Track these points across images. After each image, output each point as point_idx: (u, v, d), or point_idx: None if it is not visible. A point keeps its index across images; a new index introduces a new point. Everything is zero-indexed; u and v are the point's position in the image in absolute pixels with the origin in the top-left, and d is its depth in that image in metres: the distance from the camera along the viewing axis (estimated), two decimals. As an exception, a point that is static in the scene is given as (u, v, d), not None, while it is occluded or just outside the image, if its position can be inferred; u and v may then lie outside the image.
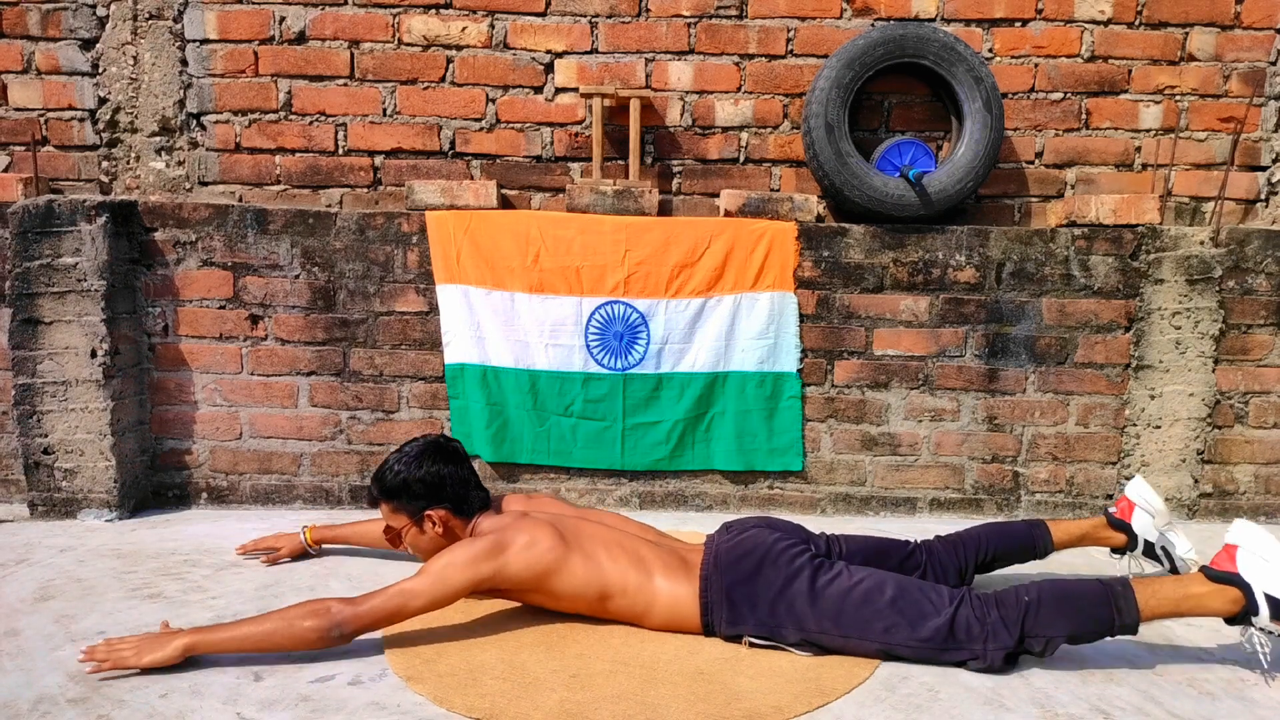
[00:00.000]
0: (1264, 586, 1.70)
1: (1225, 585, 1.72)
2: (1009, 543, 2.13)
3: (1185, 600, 1.74)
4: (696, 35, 2.98)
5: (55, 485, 2.72)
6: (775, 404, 2.86)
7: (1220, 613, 1.73)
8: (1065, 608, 1.74)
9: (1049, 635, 1.72)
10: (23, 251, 2.65)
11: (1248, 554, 1.74)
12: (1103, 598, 1.74)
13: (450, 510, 1.99)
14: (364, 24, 2.95)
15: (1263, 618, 1.70)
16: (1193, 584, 1.75)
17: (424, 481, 1.96)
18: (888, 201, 2.77)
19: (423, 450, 2.00)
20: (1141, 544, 2.17)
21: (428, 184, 2.86)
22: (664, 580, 1.87)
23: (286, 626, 1.69)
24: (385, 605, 1.73)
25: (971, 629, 1.73)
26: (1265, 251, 2.81)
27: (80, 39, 2.94)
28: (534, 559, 1.83)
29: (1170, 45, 2.99)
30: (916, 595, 1.77)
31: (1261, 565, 1.72)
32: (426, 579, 1.77)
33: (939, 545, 2.11)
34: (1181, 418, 2.84)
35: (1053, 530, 2.16)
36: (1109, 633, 1.73)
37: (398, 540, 2.04)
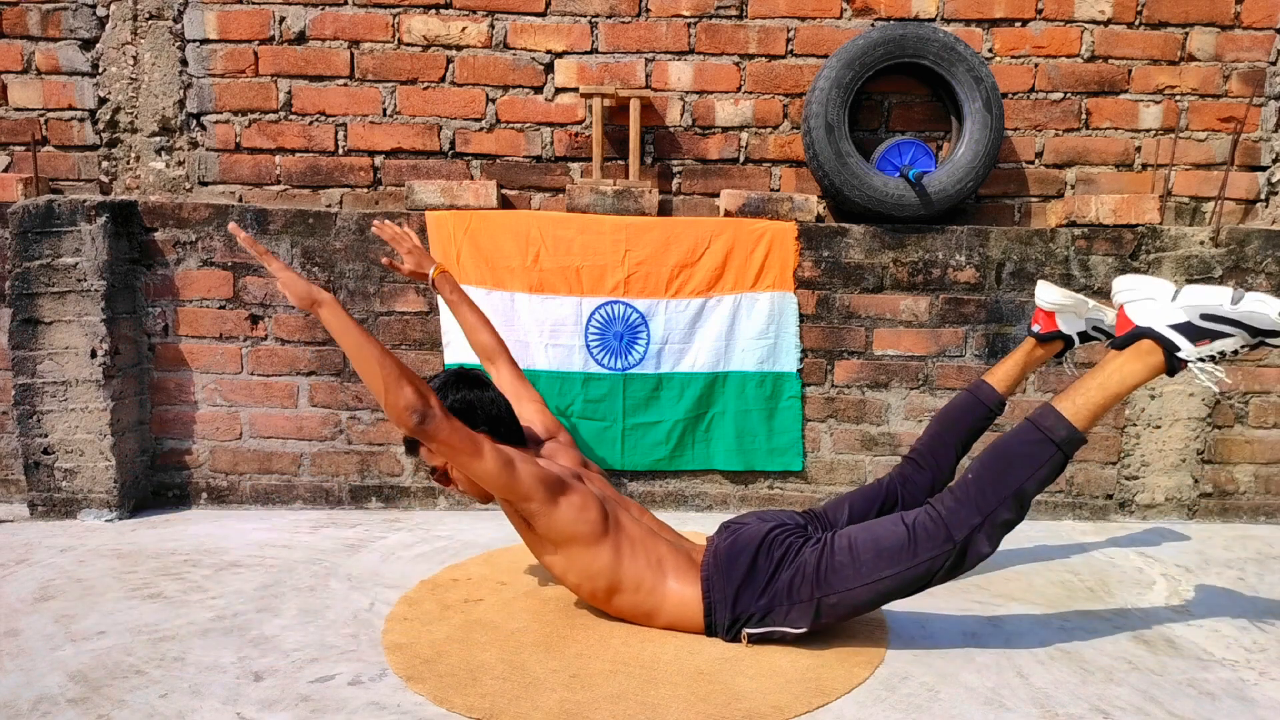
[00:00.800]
0: (1165, 321, 1.65)
1: (1134, 344, 1.68)
2: (965, 421, 2.16)
3: (1109, 380, 1.69)
4: (696, 35, 2.98)
5: (55, 485, 2.72)
6: (775, 404, 2.86)
7: (1149, 372, 1.68)
8: (1003, 460, 1.71)
9: (1008, 493, 1.68)
10: (23, 251, 2.65)
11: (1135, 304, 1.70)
12: (1030, 430, 1.71)
13: (489, 434, 1.92)
14: (364, 24, 2.95)
15: (1186, 348, 1.64)
16: (1108, 364, 1.71)
17: (455, 409, 1.90)
18: (888, 201, 2.77)
19: (445, 381, 1.97)
20: (1078, 338, 2.15)
21: (428, 184, 2.86)
22: (675, 583, 1.88)
23: (395, 374, 1.64)
24: (464, 437, 1.71)
25: (931, 529, 1.71)
26: (1265, 251, 2.81)
27: (80, 39, 2.94)
28: (578, 523, 1.82)
29: (1170, 45, 2.99)
30: (876, 529, 1.78)
31: (1151, 305, 1.67)
32: (500, 455, 1.75)
33: (909, 468, 2.14)
34: (1181, 418, 2.84)
35: (992, 381, 2.17)
36: (1059, 454, 1.68)
37: (446, 480, 1.97)
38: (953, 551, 1.70)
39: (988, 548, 1.71)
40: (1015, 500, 1.69)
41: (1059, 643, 1.91)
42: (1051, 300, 2.13)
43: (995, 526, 1.70)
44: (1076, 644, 1.90)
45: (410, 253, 2.36)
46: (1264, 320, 1.63)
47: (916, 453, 2.17)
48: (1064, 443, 1.68)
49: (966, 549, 1.70)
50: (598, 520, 1.84)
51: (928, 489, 2.09)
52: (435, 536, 2.60)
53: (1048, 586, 2.27)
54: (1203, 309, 1.65)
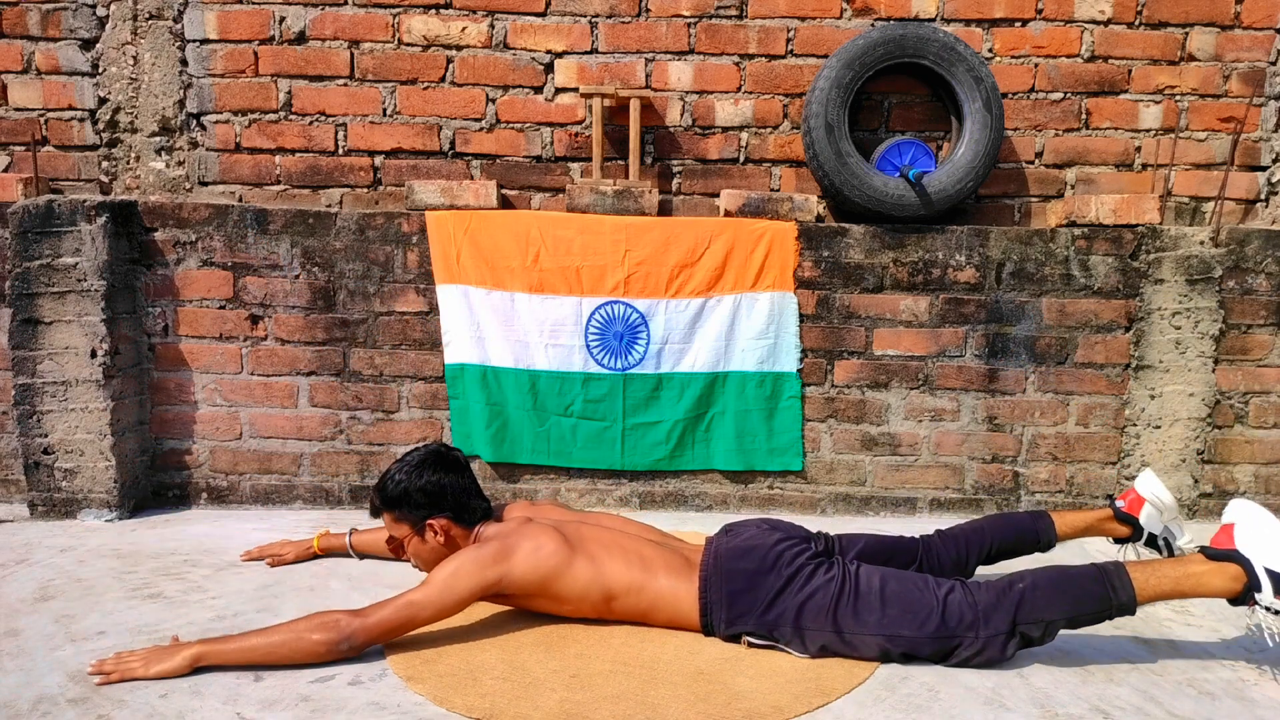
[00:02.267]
0: (1264, 561, 1.67)
1: (1224, 563, 1.69)
2: (1011, 534, 2.13)
3: (1185, 579, 1.72)
4: (696, 35, 2.98)
5: (55, 485, 2.72)
6: (775, 404, 2.86)
7: (1222, 592, 1.70)
8: (1059, 590, 1.73)
9: (1045, 619, 1.71)
10: (23, 251, 2.65)
11: (1246, 530, 1.71)
12: (1097, 578, 1.72)
13: (452, 519, 1.98)
14: (364, 24, 2.95)
15: (1266, 594, 1.66)
16: (1191, 563, 1.73)
17: (425, 490, 1.96)
18: (888, 201, 2.77)
19: (423, 459, 2.00)
20: (1145, 536, 2.15)
21: (428, 184, 2.86)
22: (667, 579, 1.87)
23: (295, 639, 1.69)
24: (394, 617, 1.73)
25: (964, 615, 1.72)
26: (1265, 251, 2.81)
27: (80, 39, 2.94)
28: (539, 562, 1.83)
29: (1170, 45, 2.99)
30: (909, 587, 1.77)
31: (1260, 541, 1.69)
32: (433, 588, 1.76)
33: (937, 540, 2.11)
34: (1181, 418, 2.84)
35: (1056, 521, 2.15)
36: (1107, 613, 1.72)
37: (400, 550, 2.04)
38: (975, 641, 1.72)
39: (1008, 653, 1.74)
40: (1046, 626, 1.72)
41: (1059, 643, 1.90)
42: (1156, 494, 2.12)
43: (1018, 640, 1.73)
44: (1076, 644, 1.90)
45: (284, 548, 2.37)
46: None
47: (952, 533, 2.14)
48: (1119, 607, 1.72)
49: (988, 645, 1.72)
50: (557, 547, 1.84)
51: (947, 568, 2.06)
52: (435, 536, 2.60)
53: (1048, 586, 2.26)
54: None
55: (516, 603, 1.94)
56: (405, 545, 2.02)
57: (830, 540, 2.05)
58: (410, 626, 1.76)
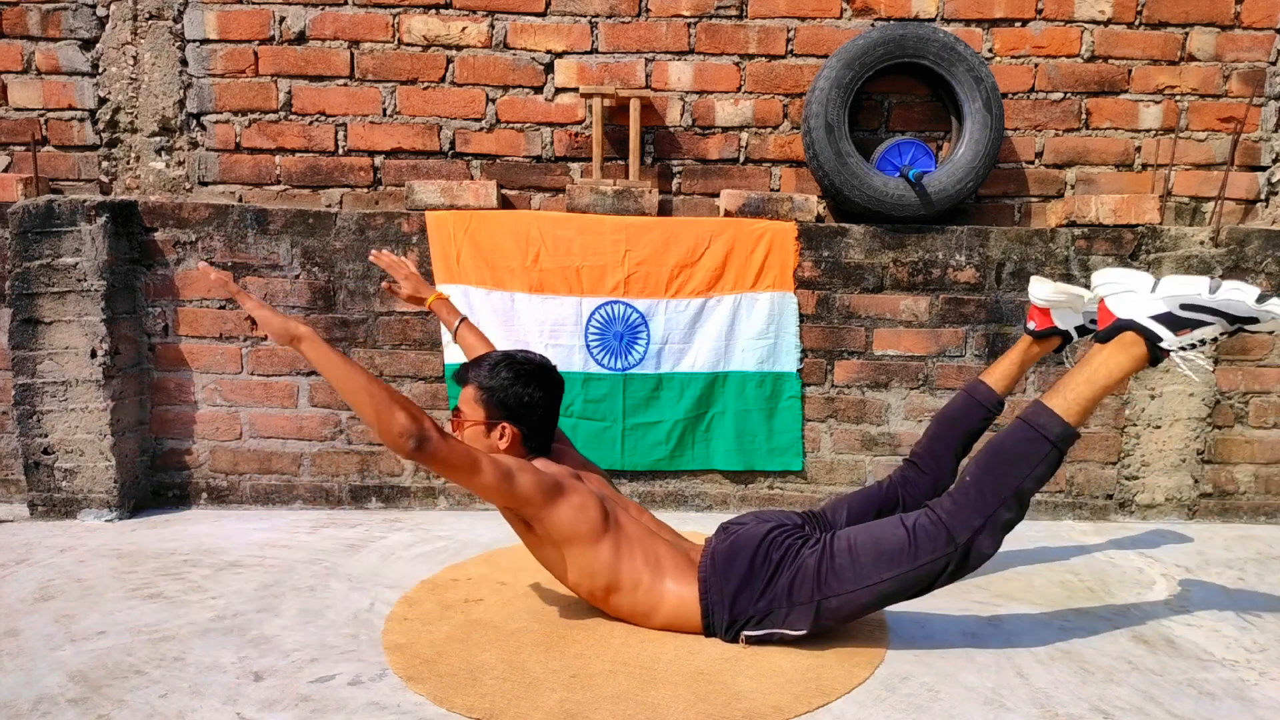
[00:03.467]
0: (1146, 312, 1.66)
1: (1117, 337, 1.69)
2: (963, 422, 2.15)
3: (1096, 374, 1.70)
4: (696, 35, 2.98)
5: (55, 485, 2.72)
6: (775, 404, 2.86)
7: (1135, 363, 1.70)
8: (1000, 463, 1.71)
9: (1007, 493, 1.69)
10: (23, 251, 2.65)
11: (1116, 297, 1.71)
12: (1024, 429, 1.72)
13: (523, 435, 1.94)
14: (364, 24, 2.95)
15: (1168, 338, 1.65)
16: (1092, 357, 1.73)
17: (520, 399, 1.91)
18: (888, 201, 2.77)
19: (536, 371, 1.96)
20: (1075, 333, 2.15)
21: (428, 184, 2.86)
22: (673, 583, 1.87)
23: (385, 401, 1.63)
24: (462, 456, 1.69)
25: (935, 535, 1.71)
26: (1265, 251, 2.81)
27: (80, 39, 2.94)
28: (577, 523, 1.82)
29: (1170, 45, 2.99)
30: (876, 530, 1.78)
31: (1131, 298, 1.69)
32: (499, 465, 1.74)
33: (910, 471, 2.14)
34: (1181, 418, 2.84)
35: (989, 381, 2.17)
36: (1055, 453, 1.69)
37: (459, 426, 1.97)
38: (955, 554, 1.70)
39: (990, 548, 1.71)
40: (1015, 499, 1.70)
41: (1059, 643, 1.91)
42: (1044, 296, 2.13)
43: (997, 527, 1.70)
44: (1076, 644, 1.90)
45: (408, 279, 2.35)
46: (1241, 307, 1.65)
47: (916, 455, 2.18)
48: (1059, 439, 1.70)
49: (969, 551, 1.70)
50: (597, 519, 1.84)
51: (929, 491, 2.09)
52: (435, 536, 2.60)
53: (1048, 586, 2.27)
54: (1182, 299, 1.67)
55: (529, 538, 1.90)
56: (464, 425, 1.96)
57: (820, 517, 2.08)
58: (462, 475, 1.71)
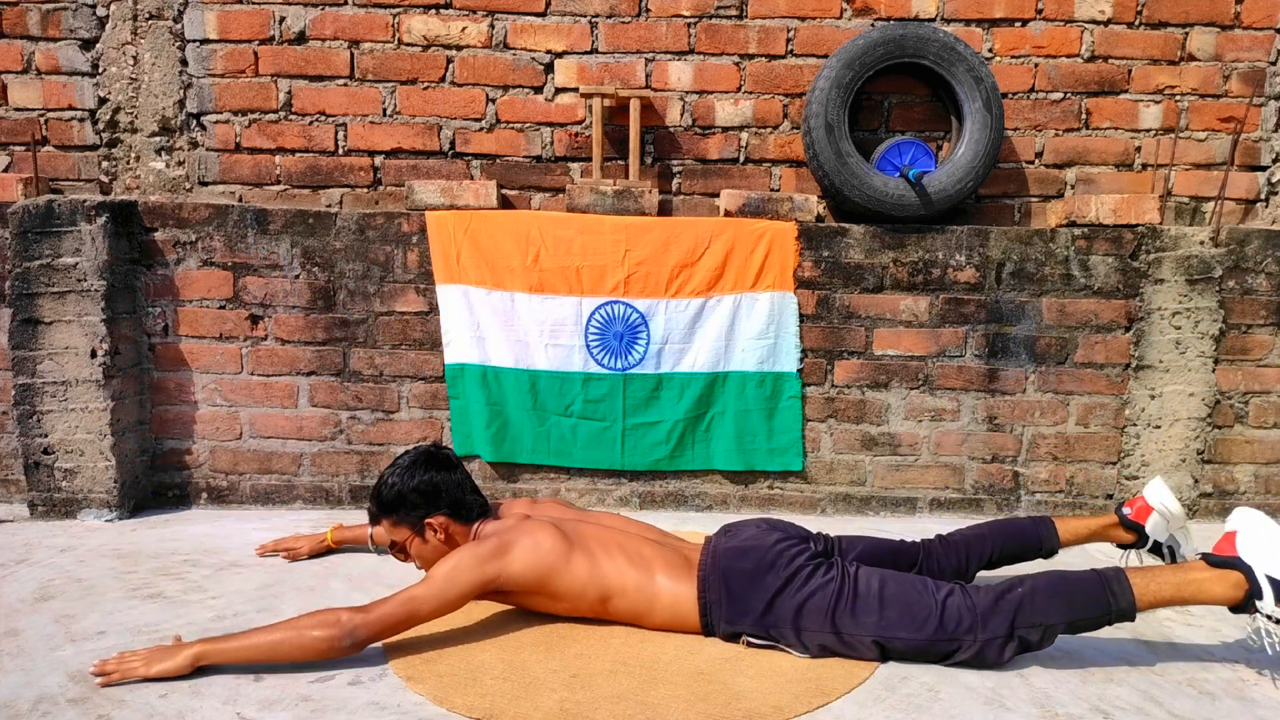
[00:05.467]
0: (1266, 569, 1.66)
1: (1226, 570, 1.69)
2: (1014, 541, 2.11)
3: (1186, 585, 1.71)
4: (696, 35, 2.98)
5: (55, 485, 2.72)
6: (775, 404, 2.86)
7: (1223, 599, 1.70)
8: (1058, 595, 1.72)
9: (1044, 623, 1.70)
10: (23, 251, 2.65)
11: (1248, 538, 1.71)
12: (1097, 584, 1.72)
13: (449, 516, 1.98)
14: (364, 24, 2.95)
15: (1268, 602, 1.65)
16: (1193, 570, 1.73)
17: (419, 490, 1.96)
18: (888, 201, 2.77)
19: (414, 460, 2.00)
20: (1150, 543, 2.14)
21: (428, 184, 2.86)
22: (666, 579, 1.87)
23: (296, 636, 1.68)
24: (395, 613, 1.72)
25: (962, 618, 1.72)
26: (1265, 251, 2.81)
27: (80, 39, 2.94)
28: (538, 559, 1.83)
29: (1170, 45, 2.99)
30: (909, 589, 1.77)
31: (1263, 549, 1.68)
32: (434, 584, 1.76)
33: (937, 545, 2.10)
34: (1181, 418, 2.84)
35: (1059, 528, 2.13)
36: (1106, 619, 1.72)
37: (404, 555, 2.04)
38: (973, 645, 1.72)
39: (998, 659, 1.73)
40: (1045, 631, 1.72)
41: (1059, 643, 1.90)
42: (1164, 504, 2.11)
43: (1015, 643, 1.72)
44: (1076, 644, 1.90)
45: (297, 542, 2.41)
46: None
47: (951, 540, 2.13)
48: (1118, 613, 1.71)
49: (986, 649, 1.72)
50: (555, 544, 1.85)
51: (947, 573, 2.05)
52: (435, 536, 2.60)
53: (1048, 586, 2.26)
54: None
55: (515, 600, 1.94)
56: (408, 548, 2.01)
57: (830, 541, 2.04)
58: (411, 622, 1.75)
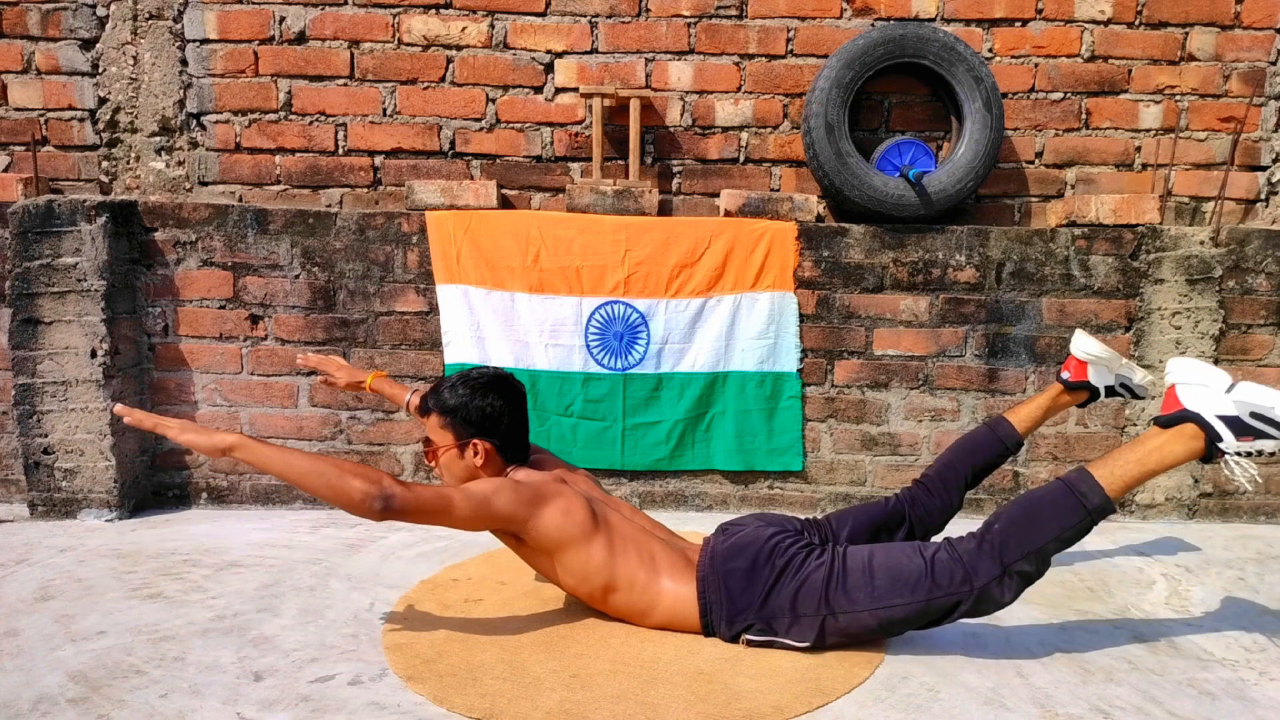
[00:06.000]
0: (1214, 410, 1.67)
1: (1180, 425, 1.70)
2: (980, 454, 2.16)
3: (1148, 457, 1.71)
4: (696, 35, 2.98)
5: (55, 485, 2.72)
6: (775, 404, 2.86)
7: (1187, 455, 1.70)
8: (1034, 518, 1.72)
9: (1032, 550, 1.70)
10: (23, 251, 2.65)
11: (1187, 387, 1.72)
12: (1065, 492, 1.72)
13: (497, 448, 1.95)
14: (364, 24, 2.95)
15: (1228, 440, 1.66)
16: (1150, 439, 1.74)
17: (484, 411, 1.92)
18: (888, 201, 2.77)
19: (491, 381, 1.96)
20: (1104, 391, 2.17)
21: (428, 184, 2.86)
22: (670, 581, 1.87)
23: (336, 475, 1.62)
24: (431, 500, 1.69)
25: (953, 572, 1.72)
26: (1265, 251, 2.81)
27: (80, 39, 2.94)
28: (566, 527, 1.82)
29: (1170, 45, 2.99)
30: (896, 556, 1.78)
31: (1203, 392, 1.69)
32: (471, 498, 1.74)
33: (919, 491, 2.14)
34: (1181, 418, 2.83)
35: (1014, 420, 2.17)
36: (1088, 521, 1.70)
37: (432, 457, 1.98)
38: (969, 595, 1.71)
39: (1006, 597, 1.72)
40: (1037, 556, 1.71)
41: (1059, 643, 1.91)
42: (1089, 351, 2.13)
43: (1014, 578, 1.71)
44: (1076, 644, 1.90)
45: (340, 369, 2.40)
46: None
47: (927, 478, 2.17)
48: (1095, 510, 1.70)
49: (984, 595, 1.71)
50: (585, 520, 1.84)
51: (935, 515, 2.10)
52: (435, 536, 2.60)
53: (1048, 586, 2.26)
54: (1254, 408, 1.66)
55: (523, 551, 1.90)
56: (439, 454, 1.96)
57: (823, 526, 2.07)
58: (439, 518, 1.71)
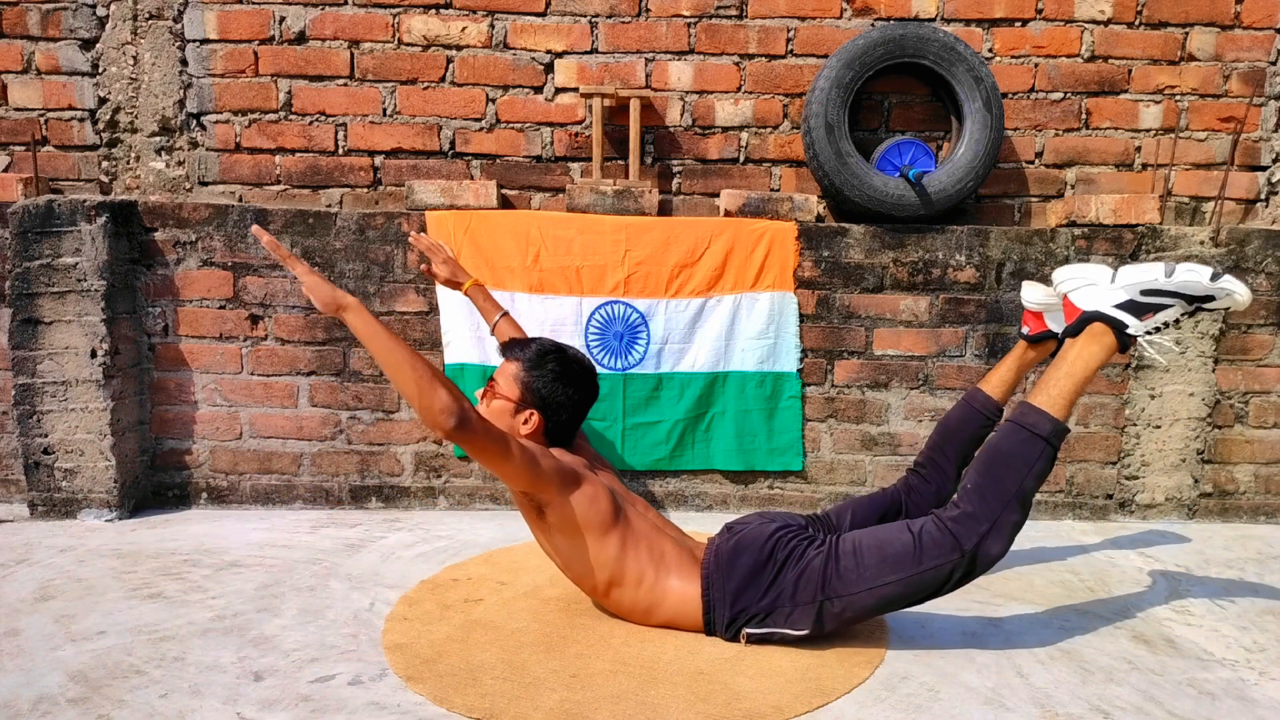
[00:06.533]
0: (1109, 302, 1.73)
1: (1085, 328, 1.76)
2: (964, 431, 2.17)
3: (1074, 367, 1.76)
4: (696, 35, 2.98)
5: (55, 485, 2.72)
6: (775, 404, 2.86)
7: (1107, 352, 1.76)
8: (996, 464, 1.74)
9: (1009, 495, 1.71)
10: (23, 251, 2.65)
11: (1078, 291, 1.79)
12: (1016, 431, 1.75)
13: (545, 427, 1.99)
14: (364, 24, 2.95)
15: (1133, 324, 1.73)
16: (1066, 351, 1.79)
17: (555, 395, 1.97)
18: (888, 201, 2.77)
19: (581, 374, 2.01)
20: None
21: (428, 184, 2.86)
22: (676, 579, 1.88)
23: (428, 377, 1.63)
24: (498, 437, 1.71)
25: (941, 541, 1.72)
26: (1265, 251, 2.81)
27: (80, 39, 2.94)
28: (588, 514, 1.84)
29: (1170, 45, 2.99)
30: (883, 536, 1.79)
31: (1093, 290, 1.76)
32: (525, 452, 1.76)
33: (914, 479, 2.17)
34: (1181, 417, 2.84)
35: (988, 391, 2.19)
36: (1049, 451, 1.72)
37: (491, 395, 2.00)
38: (961, 560, 1.71)
39: (998, 551, 1.72)
40: (1018, 501, 1.72)
41: (1059, 643, 1.91)
42: (1035, 300, 2.14)
43: (1003, 530, 1.72)
44: (1076, 644, 1.90)
45: (445, 263, 2.42)
46: (1197, 286, 1.73)
47: (919, 464, 2.20)
48: (1050, 435, 1.73)
49: (977, 555, 1.71)
50: (608, 511, 1.86)
51: (933, 499, 2.12)
52: (435, 536, 2.60)
53: (1048, 586, 2.27)
54: (1142, 285, 1.75)
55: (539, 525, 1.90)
56: (493, 398, 1.99)
57: (825, 521, 2.10)
58: (495, 454, 1.71)
